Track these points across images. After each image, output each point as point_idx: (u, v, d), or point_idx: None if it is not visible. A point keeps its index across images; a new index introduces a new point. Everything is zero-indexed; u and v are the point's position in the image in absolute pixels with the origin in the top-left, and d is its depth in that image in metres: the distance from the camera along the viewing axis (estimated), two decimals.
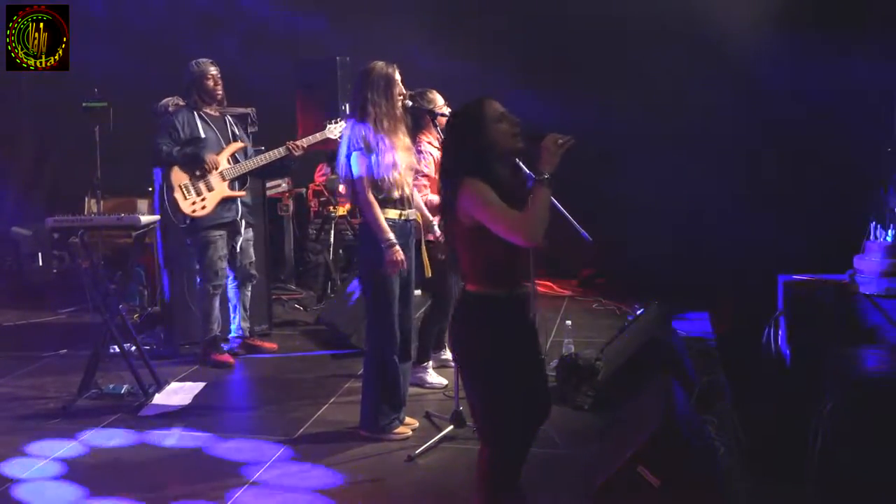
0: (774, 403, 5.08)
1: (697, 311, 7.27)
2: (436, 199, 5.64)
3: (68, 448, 4.99)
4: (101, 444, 5.06)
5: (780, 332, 5.99)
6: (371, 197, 4.81)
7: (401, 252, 4.80)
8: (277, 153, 6.42)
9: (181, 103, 6.67)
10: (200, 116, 6.35)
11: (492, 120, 3.37)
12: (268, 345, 6.81)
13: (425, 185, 5.63)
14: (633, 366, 5.32)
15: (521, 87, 8.38)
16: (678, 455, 3.84)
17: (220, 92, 6.42)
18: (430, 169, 5.64)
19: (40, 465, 4.78)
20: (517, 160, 3.64)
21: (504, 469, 3.44)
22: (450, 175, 3.40)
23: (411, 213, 5.02)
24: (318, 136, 6.33)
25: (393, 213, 4.90)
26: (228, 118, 6.56)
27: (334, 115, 8.05)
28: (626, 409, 4.72)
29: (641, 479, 3.81)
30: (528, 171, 3.82)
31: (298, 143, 6.39)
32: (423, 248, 5.23)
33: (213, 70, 6.40)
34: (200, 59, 6.42)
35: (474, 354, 3.41)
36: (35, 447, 5.01)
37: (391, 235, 4.79)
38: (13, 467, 4.75)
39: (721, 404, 5.19)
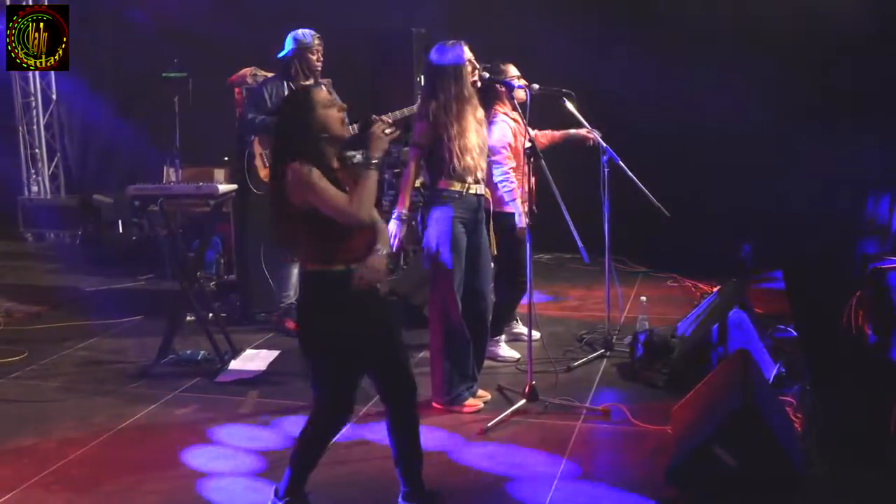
0: (855, 385, 4.96)
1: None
2: (511, 175, 5.60)
3: (148, 411, 5.10)
4: (178, 409, 5.16)
5: (862, 312, 5.83)
6: (413, 167, 4.90)
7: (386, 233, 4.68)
8: (355, 128, 6.37)
9: (259, 73, 6.71)
10: (289, 87, 6.32)
11: (322, 106, 3.54)
12: None
13: (509, 157, 5.57)
14: (709, 344, 5.23)
15: (604, 56, 8.31)
16: (756, 436, 3.77)
17: (320, 66, 6.36)
18: (510, 137, 5.60)
19: (122, 425, 4.90)
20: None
21: (327, 431, 3.73)
22: (280, 157, 3.53)
23: (479, 188, 4.98)
24: (406, 112, 6.22)
25: (457, 186, 4.88)
26: (322, 88, 6.51)
27: (409, 88, 8.06)
28: (702, 388, 4.64)
29: (718, 459, 3.75)
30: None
31: (385, 117, 6.31)
32: (491, 223, 5.19)
33: (318, 44, 6.32)
34: (306, 31, 6.30)
35: (314, 329, 3.59)
36: (115, 410, 5.14)
37: (404, 211, 4.93)
38: (94, 426, 4.89)
39: (800, 385, 5.08)
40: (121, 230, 9.47)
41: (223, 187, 6.03)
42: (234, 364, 5.79)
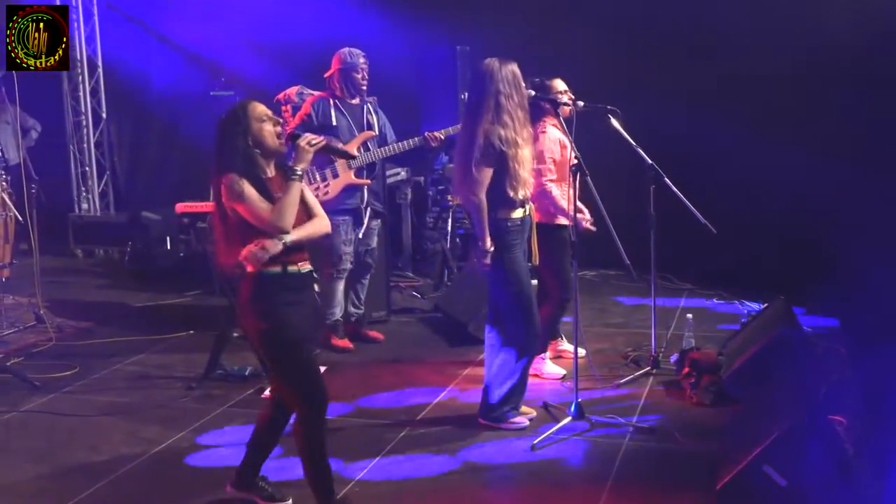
0: None
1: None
2: (554, 189, 5.60)
3: (197, 426, 5.15)
4: (226, 424, 5.21)
5: None
6: (483, 197, 4.78)
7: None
8: (410, 143, 6.43)
9: (305, 91, 6.78)
10: (335, 105, 6.39)
11: (256, 120, 3.75)
12: (374, 334, 6.83)
13: (550, 170, 5.60)
14: (757, 361, 5.19)
15: (649, 71, 8.29)
16: (807, 455, 3.73)
17: (366, 85, 6.40)
18: (556, 152, 5.61)
19: (171, 440, 4.96)
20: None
21: (316, 422, 3.88)
22: (218, 168, 3.74)
23: (530, 208, 5.02)
24: (451, 130, 6.25)
25: (519, 213, 4.89)
26: (368, 105, 6.53)
27: (454, 104, 8.11)
28: (751, 406, 4.61)
29: (767, 478, 3.72)
30: None
31: (436, 134, 6.35)
32: (534, 235, 5.19)
33: (364, 63, 6.37)
34: (353, 50, 6.37)
35: (259, 328, 3.82)
36: (165, 424, 5.21)
37: (489, 244, 4.80)
38: (144, 441, 4.95)
39: (850, 404, 5.01)
40: (169, 247, 9.58)
41: None
42: None
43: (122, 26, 10.70)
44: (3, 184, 7.77)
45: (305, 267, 3.88)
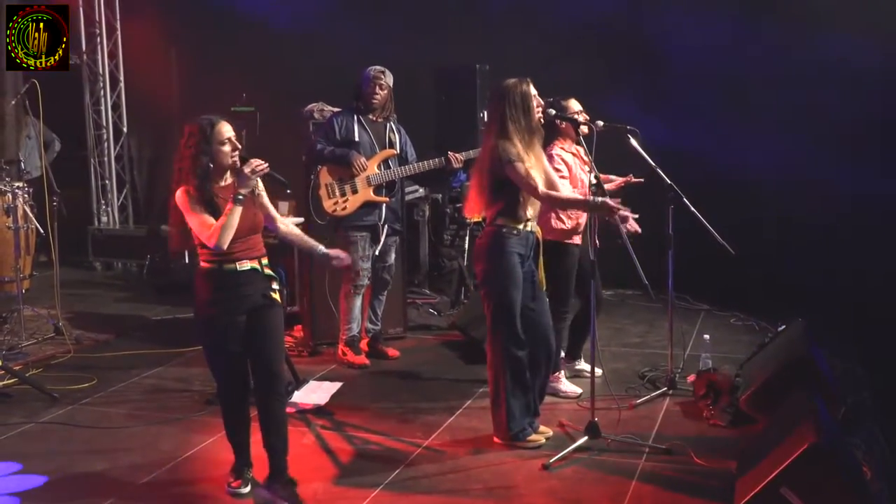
0: None
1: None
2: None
3: (214, 439, 5.16)
4: None
5: None
6: (543, 187, 4.87)
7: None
8: (432, 164, 6.47)
9: (325, 108, 6.83)
10: (359, 121, 6.45)
11: (217, 142, 4.15)
12: (390, 350, 6.85)
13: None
14: (774, 383, 5.17)
15: (666, 90, 8.31)
16: (824, 477, 3.72)
17: (376, 101, 6.41)
18: (564, 171, 5.63)
19: (188, 453, 4.98)
20: None
21: (225, 407, 4.49)
22: (176, 177, 4.19)
23: (533, 225, 5.04)
24: (472, 154, 6.27)
25: (517, 224, 4.93)
26: (391, 125, 6.57)
27: (473, 123, 8.14)
28: (768, 427, 4.59)
29: (785, 500, 3.70)
30: None
31: (459, 155, 6.39)
32: (541, 260, 5.19)
33: (378, 79, 6.40)
34: (375, 67, 6.43)
35: (195, 312, 4.33)
36: (182, 437, 5.23)
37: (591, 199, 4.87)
38: (161, 453, 4.98)
39: (868, 426, 5.00)
40: (187, 260, 9.61)
41: (289, 219, 6.12)
42: (297, 395, 5.84)
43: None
44: (25, 196, 7.85)
45: (245, 266, 4.23)
